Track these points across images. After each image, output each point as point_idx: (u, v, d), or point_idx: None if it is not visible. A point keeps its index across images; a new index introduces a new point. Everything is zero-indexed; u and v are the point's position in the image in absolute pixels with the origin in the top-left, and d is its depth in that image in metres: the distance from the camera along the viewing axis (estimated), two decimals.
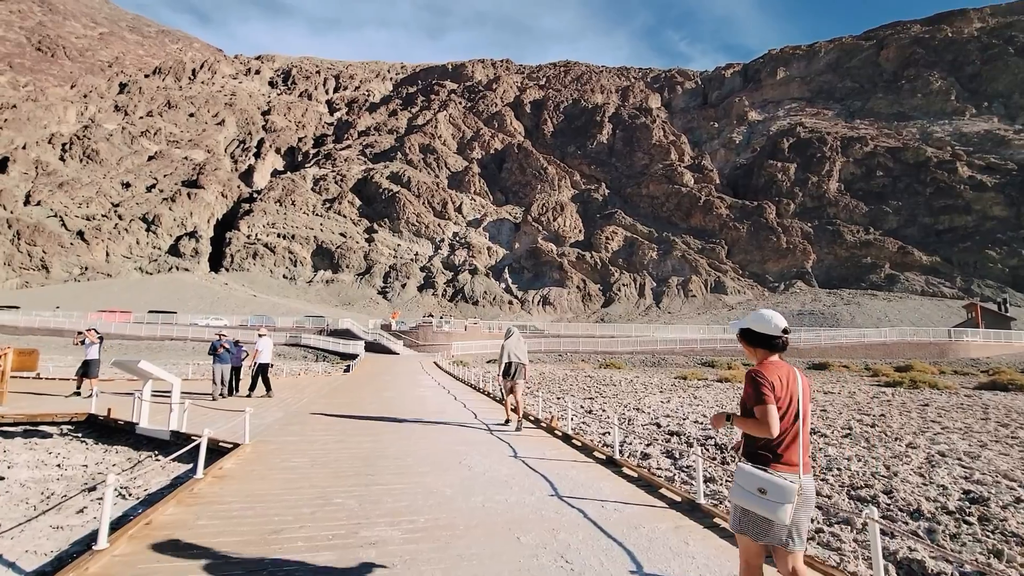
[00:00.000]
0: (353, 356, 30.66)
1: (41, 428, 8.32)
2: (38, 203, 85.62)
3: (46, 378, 15.83)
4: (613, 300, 74.86)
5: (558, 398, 15.53)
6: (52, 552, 3.90)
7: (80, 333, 13.25)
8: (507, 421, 8.68)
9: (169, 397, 7.67)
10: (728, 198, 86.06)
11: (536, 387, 20.39)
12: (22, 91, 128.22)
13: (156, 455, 5.94)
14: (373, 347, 37.64)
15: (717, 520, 4.01)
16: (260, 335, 13.27)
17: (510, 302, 75.34)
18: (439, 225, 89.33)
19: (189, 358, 26.66)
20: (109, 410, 8.29)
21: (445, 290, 78.27)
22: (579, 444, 7.04)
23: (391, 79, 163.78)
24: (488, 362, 37.02)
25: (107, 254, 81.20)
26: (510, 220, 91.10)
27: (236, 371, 13.16)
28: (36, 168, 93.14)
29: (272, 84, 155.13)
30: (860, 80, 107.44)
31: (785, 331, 2.68)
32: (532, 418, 9.41)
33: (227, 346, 12.40)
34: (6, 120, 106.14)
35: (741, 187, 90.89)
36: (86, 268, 78.47)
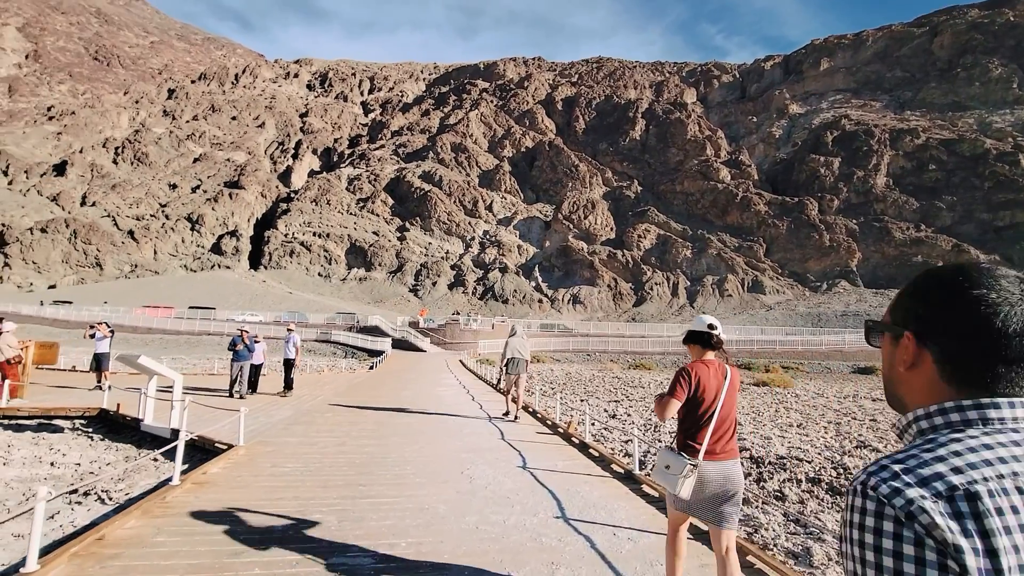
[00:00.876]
0: (379, 353, 30.80)
1: (55, 422, 8.40)
2: (93, 204, 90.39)
3: (79, 370, 16.30)
4: (645, 299, 73.22)
5: (581, 400, 14.93)
6: None
7: (92, 327, 13.33)
8: (507, 413, 9.60)
9: (186, 393, 7.58)
10: (767, 194, 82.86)
11: (559, 388, 19.82)
12: (80, 99, 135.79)
13: (155, 454, 5.77)
14: (401, 344, 37.81)
15: (754, 561, 3.42)
16: (289, 330, 12.98)
17: (540, 301, 74.73)
18: (470, 224, 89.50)
19: (224, 353, 27.35)
20: (118, 405, 8.30)
21: (475, 288, 78.33)
22: (596, 454, 6.50)
23: (424, 79, 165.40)
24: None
25: (155, 252, 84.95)
26: (541, 218, 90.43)
27: (257, 368, 12.76)
28: (92, 171, 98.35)
29: (310, 87, 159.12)
30: (911, 69, 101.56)
31: (711, 327, 3.12)
32: (549, 423, 8.92)
33: (247, 342, 12.06)
34: (65, 126, 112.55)
35: (781, 183, 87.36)
36: (136, 265, 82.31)
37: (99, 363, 12.55)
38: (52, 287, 74.74)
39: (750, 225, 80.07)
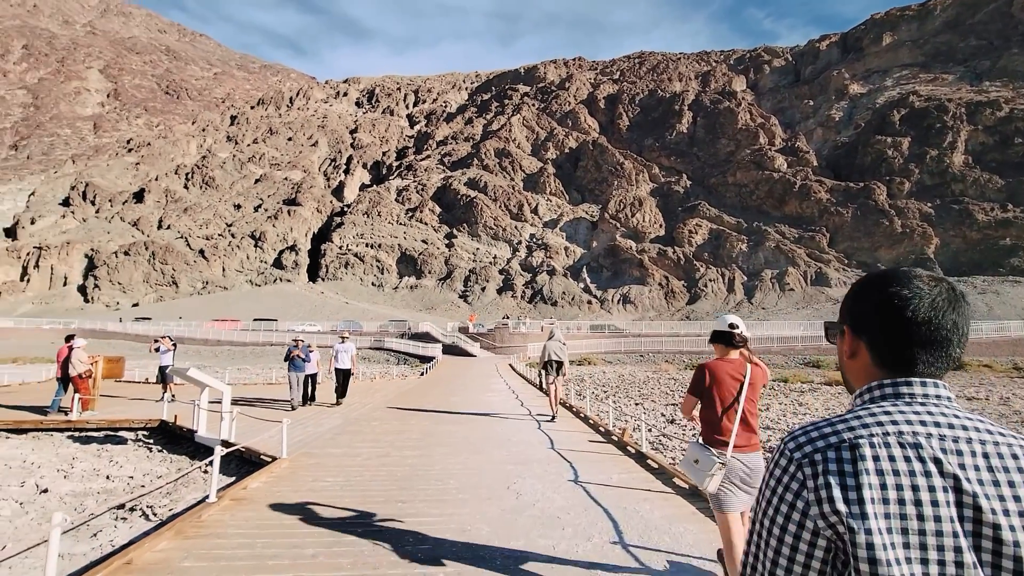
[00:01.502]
0: (430, 359, 31.10)
1: (120, 433, 8.80)
2: (168, 227, 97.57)
3: (149, 382, 17.14)
4: (699, 296, 70.44)
5: (636, 404, 14.23)
6: None
7: (156, 340, 13.81)
8: (553, 418, 9.79)
9: (246, 404, 7.70)
10: (828, 181, 77.85)
11: (612, 391, 19.11)
12: (154, 130, 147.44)
13: (202, 465, 5.82)
14: (451, 350, 38.09)
15: None
16: (342, 339, 12.79)
17: (589, 302, 73.55)
18: (516, 228, 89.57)
19: (278, 363, 28.46)
20: (176, 417, 8.56)
21: (524, 292, 78.18)
22: (655, 466, 5.96)
23: (466, 88, 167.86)
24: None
25: (223, 269, 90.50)
26: (587, 219, 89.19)
27: (313, 378, 12.52)
28: (166, 196, 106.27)
29: (358, 104, 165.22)
30: (988, 36, 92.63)
31: (732, 326, 3.26)
32: (602, 429, 8.44)
33: (301, 353, 11.84)
34: (142, 156, 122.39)
35: (843, 168, 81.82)
36: (207, 282, 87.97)
37: (163, 376, 13.03)
38: (135, 305, 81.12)
39: (811, 214, 75.46)
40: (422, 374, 22.58)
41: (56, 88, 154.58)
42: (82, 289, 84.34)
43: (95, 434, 8.74)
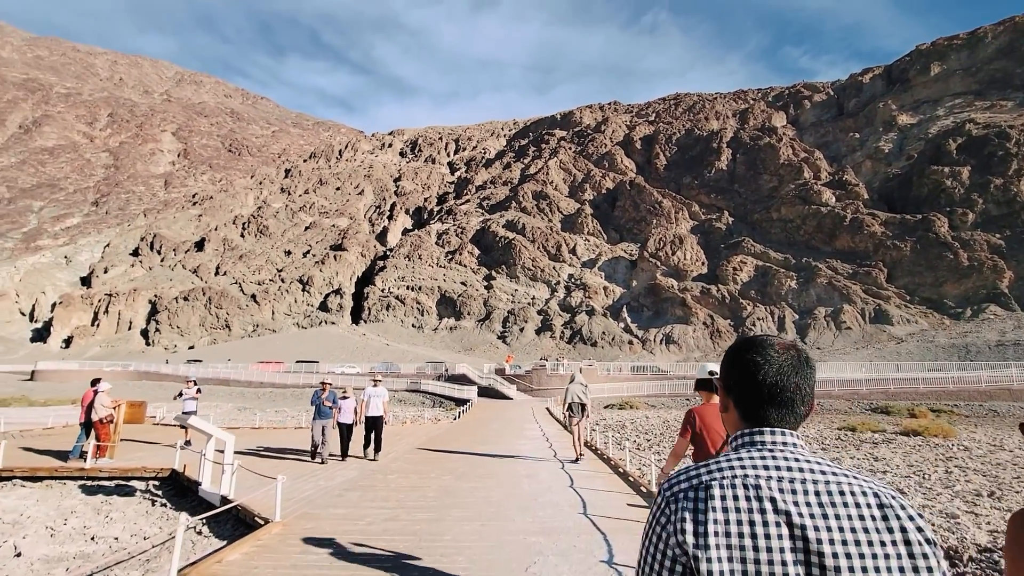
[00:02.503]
0: (465, 402, 30.60)
1: (131, 483, 8.72)
2: (224, 273, 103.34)
3: (179, 426, 17.30)
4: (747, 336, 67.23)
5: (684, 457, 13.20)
6: None
7: (190, 382, 13.63)
8: (577, 459, 10.05)
9: (267, 455, 7.42)
10: (882, 214, 74.25)
11: (656, 439, 17.97)
12: (217, 185, 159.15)
13: (198, 526, 5.57)
14: (487, 392, 37.49)
15: None
16: (375, 382, 11.61)
17: (630, 342, 71.56)
18: (554, 268, 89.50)
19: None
20: (185, 467, 8.39)
21: (563, 332, 77.11)
22: None
23: (504, 135, 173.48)
24: (605, 407, 34.60)
25: (272, 312, 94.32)
26: (626, 258, 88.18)
27: (348, 429, 11.30)
28: (224, 245, 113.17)
29: (402, 154, 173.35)
30: None
31: (712, 373, 3.58)
32: (644, 489, 7.72)
33: (327, 399, 10.92)
34: (205, 209, 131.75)
35: (897, 200, 78.04)
36: (257, 325, 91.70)
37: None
38: (191, 348, 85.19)
39: (865, 249, 71.76)
40: (455, 418, 22.10)
41: (134, 150, 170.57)
42: (144, 333, 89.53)
43: (106, 483, 8.67)
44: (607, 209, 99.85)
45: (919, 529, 0.96)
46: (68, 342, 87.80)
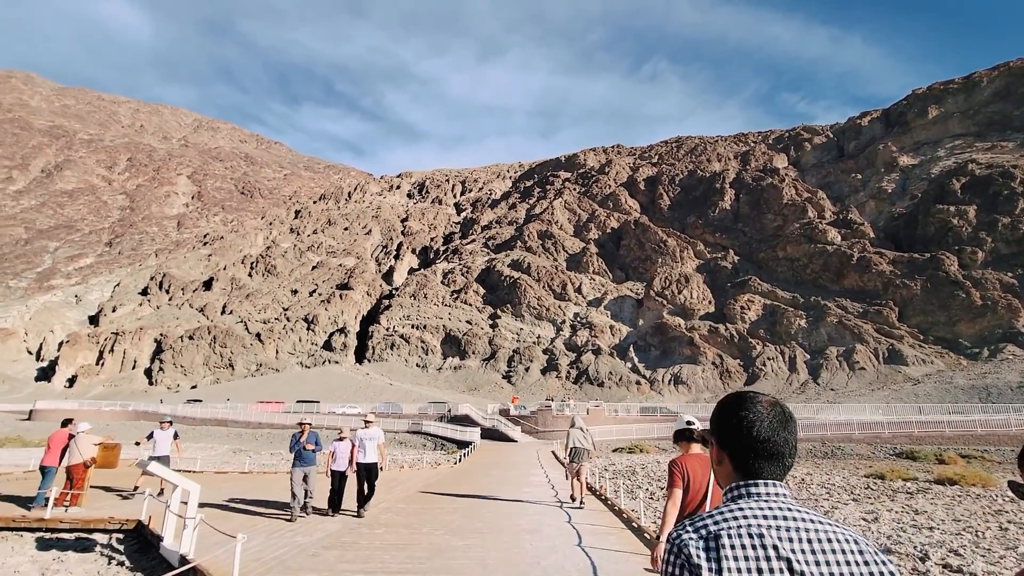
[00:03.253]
0: (468, 444, 29.61)
1: (94, 535, 7.92)
2: (231, 312, 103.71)
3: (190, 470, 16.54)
4: (758, 376, 65.81)
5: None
6: None
7: (168, 422, 12.22)
8: (576, 500, 10.08)
9: (243, 510, 6.77)
10: (889, 252, 73.99)
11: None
12: (228, 226, 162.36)
13: None
14: (490, 434, 36.40)
15: None
16: (366, 423, 10.32)
17: (638, 383, 70.17)
18: (559, 307, 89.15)
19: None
20: (150, 519, 7.64)
21: (568, 372, 75.91)
22: None
23: (510, 177, 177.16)
24: (613, 450, 33.43)
25: (276, 351, 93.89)
26: (632, 297, 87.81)
27: (341, 477, 9.76)
28: (231, 284, 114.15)
29: (410, 195, 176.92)
30: None
31: (689, 423, 3.72)
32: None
33: (308, 442, 9.50)
34: (215, 249, 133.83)
35: (904, 239, 77.95)
36: (260, 364, 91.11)
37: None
38: (194, 387, 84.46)
39: (874, 287, 71.10)
40: (457, 461, 21.22)
41: (150, 192, 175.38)
42: (148, 372, 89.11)
43: (66, 536, 7.85)
44: (612, 248, 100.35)
45: (892, 573, 1.16)
46: (72, 381, 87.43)
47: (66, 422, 10.25)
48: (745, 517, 1.22)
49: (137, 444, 11.75)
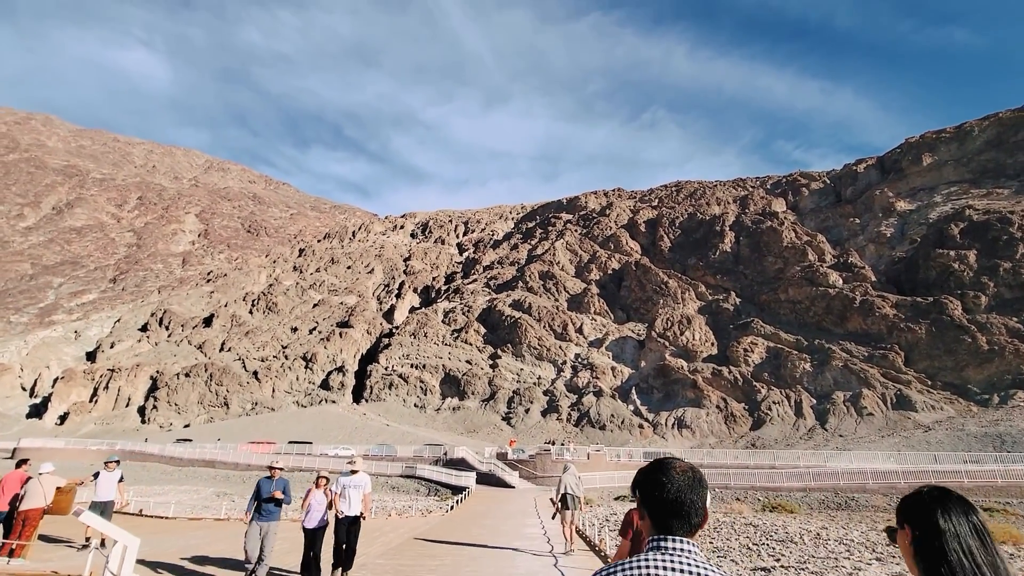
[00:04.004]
0: (463, 489, 28.34)
1: None
2: (229, 349, 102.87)
3: (128, 513, 15.44)
4: (764, 421, 64.19)
5: (716, 562, 11.53)
6: None
7: (115, 462, 10.88)
8: (566, 546, 10.03)
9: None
10: (892, 296, 73.70)
11: None
12: (232, 263, 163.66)
13: None
14: (486, 479, 35.02)
15: None
16: (352, 469, 8.80)
17: (640, 426, 68.44)
18: (560, 347, 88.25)
19: (300, 491, 26.52)
20: (91, 574, 6.68)
21: (569, 414, 74.25)
22: None
23: (512, 218, 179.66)
24: (615, 498, 32.08)
25: (273, 390, 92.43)
26: (633, 338, 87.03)
27: (314, 534, 8.17)
28: (232, 321, 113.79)
29: (413, 235, 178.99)
30: None
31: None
32: None
33: (277, 491, 8.09)
34: (218, 286, 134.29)
35: (905, 283, 77.84)
36: (256, 403, 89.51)
37: (101, 513, 9.48)
38: (187, 426, 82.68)
39: (878, 331, 70.39)
40: (450, 508, 20.17)
41: (157, 230, 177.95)
42: (141, 410, 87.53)
43: None
44: (613, 289, 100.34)
45: None
46: (64, 418, 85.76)
47: (21, 463, 9.49)
48: (648, 567, 1.44)
49: (81, 484, 10.40)
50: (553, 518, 11.17)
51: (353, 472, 8.72)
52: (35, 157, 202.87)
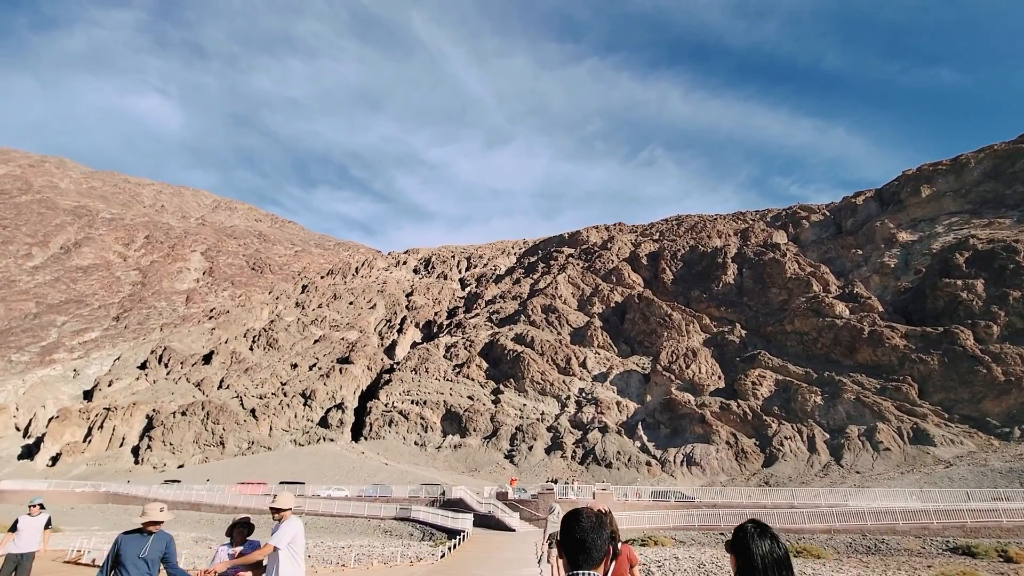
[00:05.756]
0: (458, 533, 26.56)
1: None
2: (227, 387, 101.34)
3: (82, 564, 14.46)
4: (776, 457, 61.82)
5: None
6: None
7: (39, 505, 9.29)
8: None
9: None
10: (901, 327, 72.36)
11: None
12: (236, 300, 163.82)
13: None
14: (485, 520, 33.09)
15: None
16: (276, 518, 6.44)
17: (648, 463, 66.02)
18: (564, 382, 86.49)
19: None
20: None
21: (574, 451, 71.87)
22: None
23: (514, 253, 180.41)
24: (624, 542, 30.17)
25: (270, 429, 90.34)
26: (638, 371, 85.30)
27: None
28: (231, 358, 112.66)
29: (416, 271, 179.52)
30: None
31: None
32: None
33: (156, 553, 6.10)
34: (219, 323, 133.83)
35: (913, 313, 76.61)
36: (252, 442, 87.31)
37: (16, 570, 8.20)
38: (180, 466, 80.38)
39: (889, 363, 68.73)
40: (441, 556, 18.60)
41: (163, 268, 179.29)
42: (135, 450, 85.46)
43: None
44: (616, 322, 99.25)
45: None
46: (56, 459, 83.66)
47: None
48: None
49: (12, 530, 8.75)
50: (540, 563, 10.65)
51: (278, 521, 6.40)
52: (47, 198, 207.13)
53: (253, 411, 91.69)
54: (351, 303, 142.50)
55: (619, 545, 4.77)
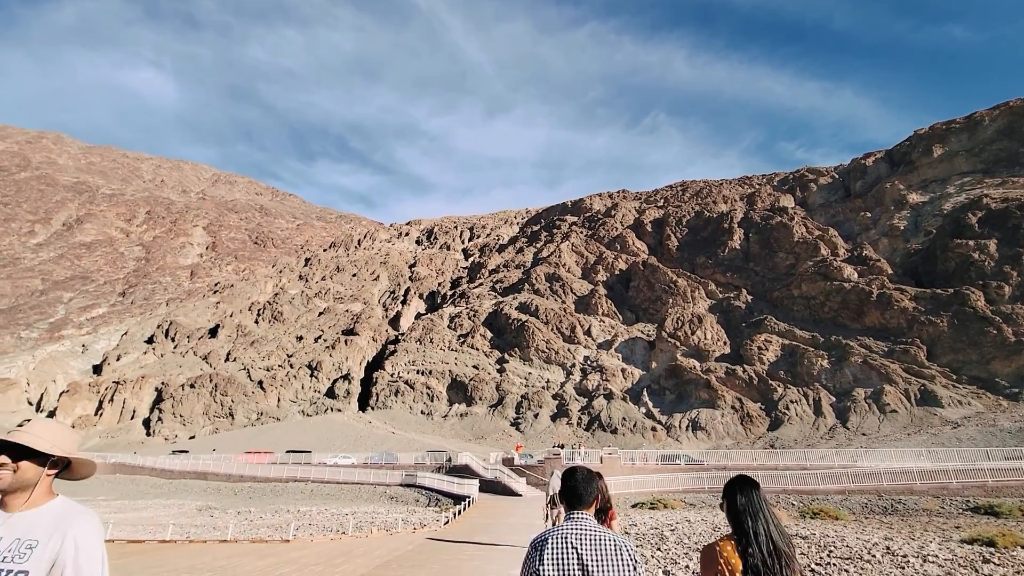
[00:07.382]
0: (464, 498, 26.53)
1: None
2: (234, 359, 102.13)
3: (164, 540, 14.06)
4: (782, 421, 61.94)
5: None
6: None
7: None
8: None
9: None
10: (910, 289, 71.32)
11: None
12: (240, 274, 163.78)
13: None
14: (491, 486, 33.23)
15: None
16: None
17: (653, 429, 66.41)
18: (569, 350, 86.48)
19: (291, 503, 24.79)
20: None
21: (580, 418, 72.37)
22: None
23: (517, 223, 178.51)
24: (632, 506, 30.31)
25: (278, 400, 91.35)
26: (643, 338, 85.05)
27: None
28: (237, 331, 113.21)
29: (418, 242, 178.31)
30: None
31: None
32: None
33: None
34: (224, 297, 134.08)
35: (923, 275, 75.39)
36: (261, 413, 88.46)
37: None
38: (192, 438, 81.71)
39: (897, 325, 67.99)
40: (446, 522, 18.38)
41: (166, 243, 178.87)
42: (147, 422, 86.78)
43: None
44: (621, 290, 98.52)
45: (631, 555, 2.40)
46: None
47: None
48: (563, 530, 2.49)
49: None
50: (546, 520, 10.54)
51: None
52: (46, 175, 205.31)
53: (260, 383, 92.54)
54: (354, 275, 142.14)
55: (609, 511, 5.91)
